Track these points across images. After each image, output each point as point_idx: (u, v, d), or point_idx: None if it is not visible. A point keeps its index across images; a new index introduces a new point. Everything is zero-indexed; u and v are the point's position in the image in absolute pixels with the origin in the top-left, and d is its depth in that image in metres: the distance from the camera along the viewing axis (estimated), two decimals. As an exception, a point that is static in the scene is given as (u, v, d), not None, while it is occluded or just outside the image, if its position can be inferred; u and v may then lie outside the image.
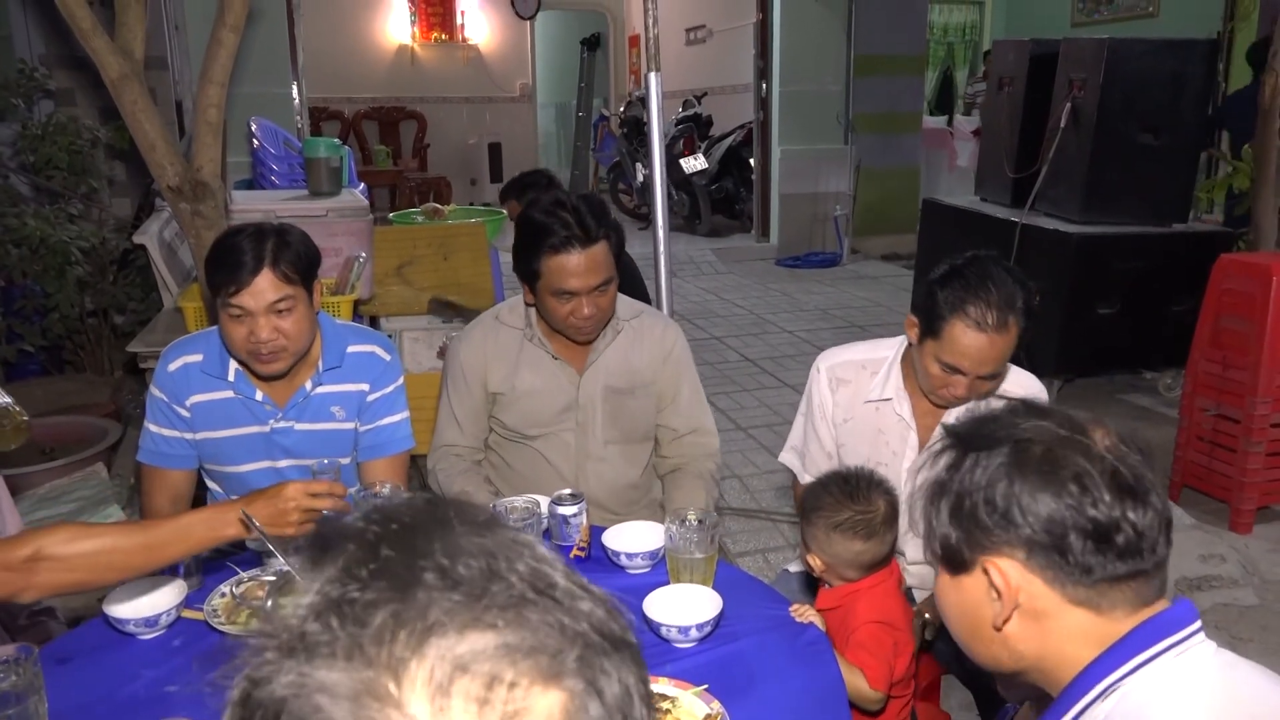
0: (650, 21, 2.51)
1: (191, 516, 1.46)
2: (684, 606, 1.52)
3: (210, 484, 2.05)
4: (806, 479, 2.05)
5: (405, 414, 2.05)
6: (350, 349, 1.99)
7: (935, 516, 0.94)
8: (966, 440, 0.94)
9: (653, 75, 2.57)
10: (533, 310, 2.10)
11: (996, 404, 0.98)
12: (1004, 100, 4.77)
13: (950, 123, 9.34)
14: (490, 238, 4.65)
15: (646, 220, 8.99)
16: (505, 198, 3.75)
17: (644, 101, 2.69)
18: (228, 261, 1.77)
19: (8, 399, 1.56)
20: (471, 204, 8.63)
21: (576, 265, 1.93)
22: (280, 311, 1.79)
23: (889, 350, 1.95)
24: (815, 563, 1.66)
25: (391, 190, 9.42)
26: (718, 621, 1.50)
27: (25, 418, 1.57)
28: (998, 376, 1.79)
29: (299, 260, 1.82)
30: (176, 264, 3.94)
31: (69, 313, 3.96)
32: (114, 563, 1.38)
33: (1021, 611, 0.91)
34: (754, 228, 8.25)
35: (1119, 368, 4.48)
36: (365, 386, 1.99)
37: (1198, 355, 3.49)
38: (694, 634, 1.47)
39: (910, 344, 1.85)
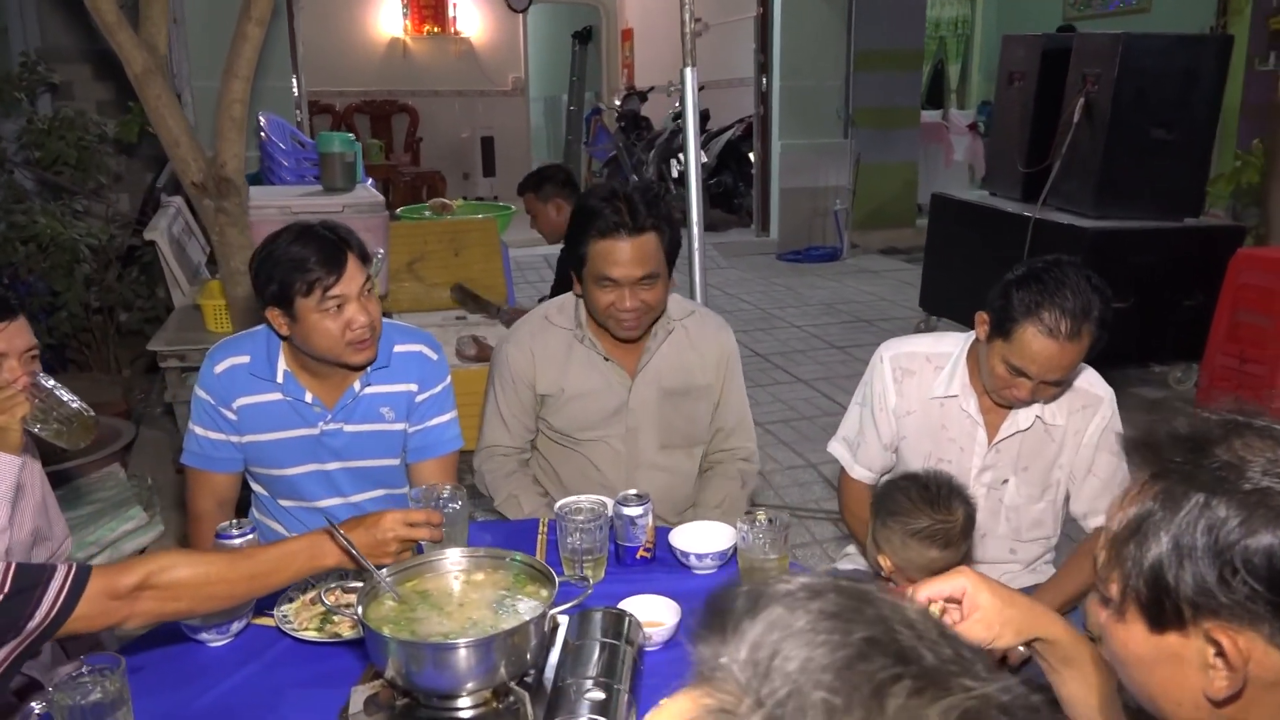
0: (687, 16, 2.49)
1: (292, 544, 1.44)
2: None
3: (255, 486, 2.02)
4: (857, 470, 2.04)
5: (454, 413, 2.02)
6: (397, 348, 1.96)
7: (1141, 555, 0.81)
8: (1186, 474, 0.80)
9: (688, 70, 2.55)
10: (582, 310, 2.07)
11: (1199, 416, 0.85)
12: (1015, 95, 4.78)
13: (945, 117, 9.37)
14: (499, 233, 4.62)
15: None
16: (523, 190, 3.72)
17: (671, 96, 2.65)
18: (310, 261, 1.75)
19: (76, 400, 1.52)
20: (465, 198, 8.57)
21: (621, 252, 1.91)
22: (368, 293, 1.82)
23: (953, 345, 1.94)
24: (885, 563, 1.65)
25: (385, 185, 9.33)
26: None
27: (91, 414, 1.54)
28: (1064, 383, 1.78)
29: (362, 246, 1.86)
30: (186, 260, 3.89)
31: (77, 311, 3.90)
32: (217, 593, 1.35)
33: (1248, 681, 0.79)
34: (754, 222, 8.24)
35: (1130, 362, 4.50)
36: (414, 387, 1.96)
37: (1214, 349, 3.51)
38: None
39: (978, 340, 1.83)
